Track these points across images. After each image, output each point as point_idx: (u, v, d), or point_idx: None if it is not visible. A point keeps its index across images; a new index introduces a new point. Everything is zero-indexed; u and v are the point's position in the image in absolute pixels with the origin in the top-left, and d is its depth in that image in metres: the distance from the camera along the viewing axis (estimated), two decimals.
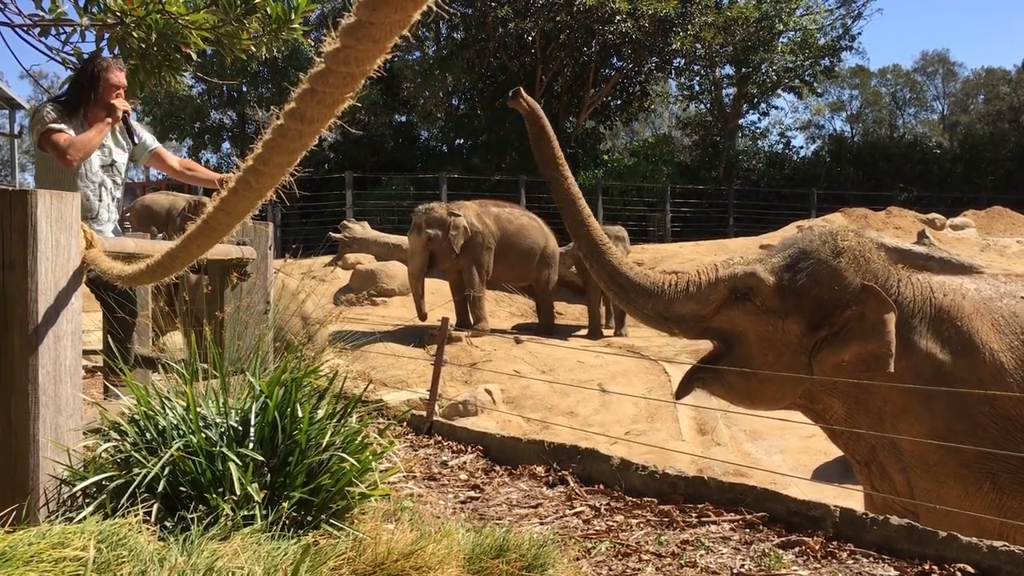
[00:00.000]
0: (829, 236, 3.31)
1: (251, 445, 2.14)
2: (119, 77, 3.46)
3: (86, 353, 2.66)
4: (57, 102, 3.48)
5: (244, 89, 21.61)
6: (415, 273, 9.65)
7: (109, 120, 3.43)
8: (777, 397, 3.34)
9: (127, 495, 1.95)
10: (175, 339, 3.30)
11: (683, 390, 3.49)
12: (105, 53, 3.67)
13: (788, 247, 3.39)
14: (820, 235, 3.35)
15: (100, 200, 3.58)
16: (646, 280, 3.37)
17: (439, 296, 10.68)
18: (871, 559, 2.45)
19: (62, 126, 3.37)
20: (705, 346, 3.75)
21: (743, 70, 22.26)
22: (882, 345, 3.05)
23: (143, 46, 3.65)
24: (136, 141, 3.68)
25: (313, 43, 9.37)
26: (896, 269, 3.34)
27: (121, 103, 3.47)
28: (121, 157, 3.70)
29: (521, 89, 3.24)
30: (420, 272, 9.59)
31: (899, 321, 3.12)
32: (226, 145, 24.18)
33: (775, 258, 3.36)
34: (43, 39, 3.71)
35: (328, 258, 12.58)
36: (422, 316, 9.56)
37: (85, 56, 3.78)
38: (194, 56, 3.89)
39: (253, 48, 3.79)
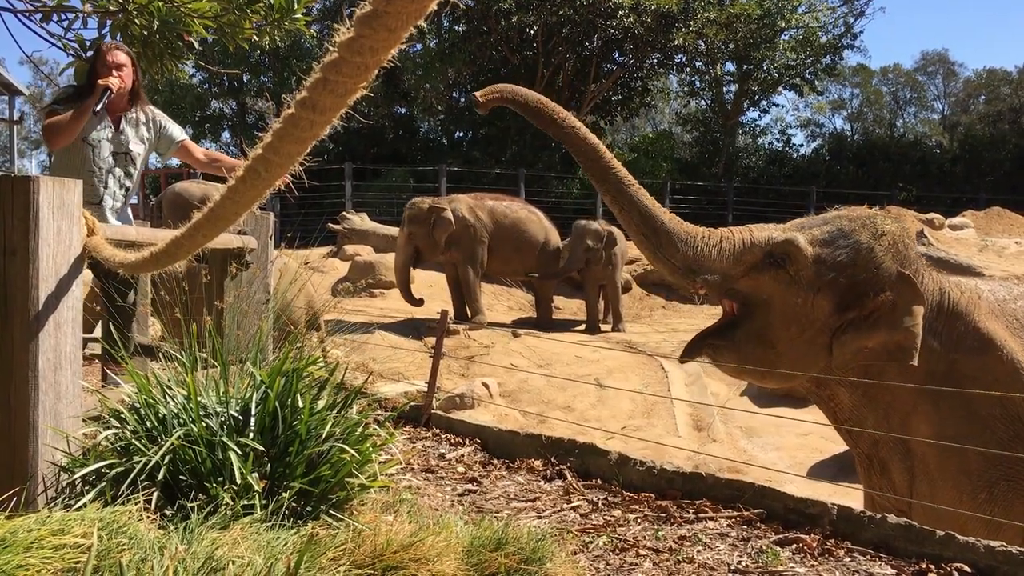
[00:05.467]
0: (869, 219, 3.19)
1: (251, 435, 2.14)
2: (115, 56, 3.32)
3: (84, 341, 2.65)
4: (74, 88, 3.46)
5: (245, 78, 21.59)
6: (398, 267, 9.87)
7: (89, 102, 3.25)
8: (790, 373, 3.20)
9: (127, 483, 1.95)
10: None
11: (690, 353, 3.26)
12: (107, 40, 3.66)
13: (828, 222, 3.22)
14: (861, 216, 3.21)
15: (106, 187, 3.51)
16: (680, 228, 3.14)
17: (438, 288, 10.68)
18: (868, 557, 2.45)
19: (59, 108, 3.31)
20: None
21: (744, 67, 22.28)
22: (909, 336, 2.97)
23: (145, 34, 3.65)
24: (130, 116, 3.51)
25: (315, 33, 9.37)
26: (923, 263, 3.28)
27: (104, 81, 3.25)
28: (138, 147, 3.58)
29: (475, 94, 2.97)
30: (404, 266, 9.79)
31: None
32: (226, 134, 24.17)
33: (815, 229, 3.18)
34: (45, 25, 3.71)
35: (326, 249, 12.56)
36: (413, 303, 9.64)
37: (87, 43, 3.78)
38: (196, 44, 3.89)
39: (256, 37, 3.78)
